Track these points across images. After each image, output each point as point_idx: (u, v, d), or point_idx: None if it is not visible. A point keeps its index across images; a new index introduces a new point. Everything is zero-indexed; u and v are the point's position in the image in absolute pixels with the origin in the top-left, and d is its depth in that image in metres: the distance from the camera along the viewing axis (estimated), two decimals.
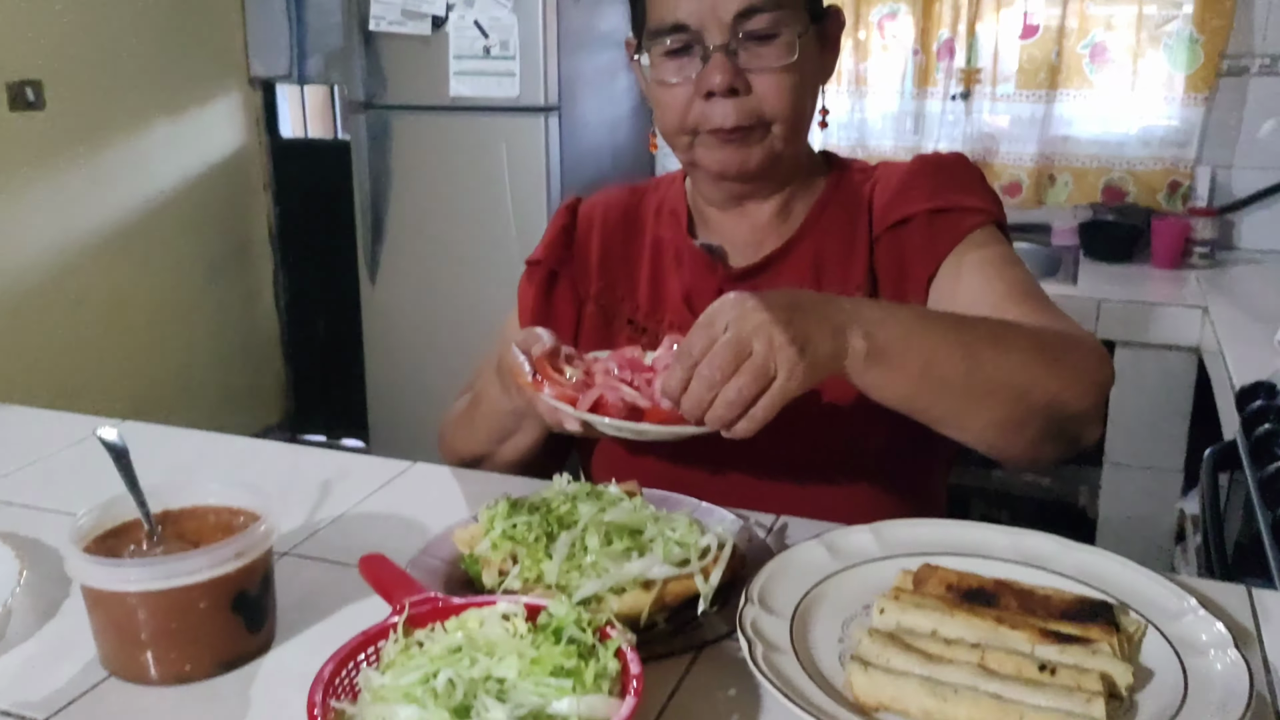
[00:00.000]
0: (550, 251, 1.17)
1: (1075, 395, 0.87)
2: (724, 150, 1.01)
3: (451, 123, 2.72)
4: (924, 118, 2.87)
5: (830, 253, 1.07)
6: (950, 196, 1.03)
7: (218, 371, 3.50)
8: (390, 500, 0.99)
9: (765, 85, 0.98)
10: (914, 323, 0.83)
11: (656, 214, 1.17)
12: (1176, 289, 2.35)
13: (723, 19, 0.96)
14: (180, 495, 0.81)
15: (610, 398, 0.86)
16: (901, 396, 0.84)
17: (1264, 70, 2.61)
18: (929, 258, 1.02)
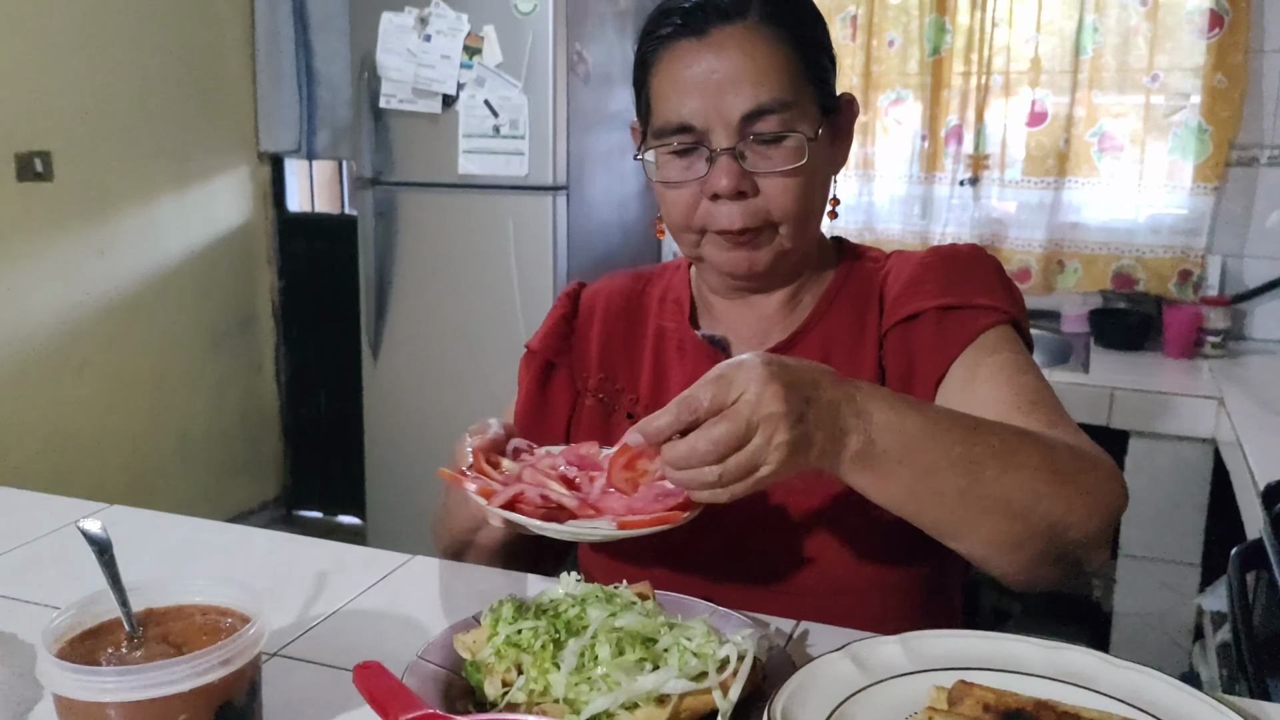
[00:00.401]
0: (548, 341, 1.14)
1: (1080, 519, 0.82)
2: (732, 252, 0.99)
3: (459, 200, 2.71)
4: (931, 202, 2.87)
5: (838, 345, 1.03)
6: (962, 293, 0.99)
7: (216, 443, 3.45)
8: (388, 596, 0.94)
9: (773, 188, 0.95)
10: (920, 432, 0.78)
11: (660, 302, 1.13)
12: (1190, 378, 2.32)
13: (729, 121, 0.93)
14: (165, 593, 0.76)
15: (529, 494, 0.82)
16: (888, 501, 0.80)
17: (1273, 161, 2.61)
18: (938, 358, 0.97)
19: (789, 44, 0.95)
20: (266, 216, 3.60)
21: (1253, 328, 2.69)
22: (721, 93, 0.93)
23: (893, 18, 2.85)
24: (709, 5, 0.94)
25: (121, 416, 3.09)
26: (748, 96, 0.93)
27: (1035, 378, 0.95)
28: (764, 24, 0.94)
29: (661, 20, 0.97)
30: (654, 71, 0.98)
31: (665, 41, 0.96)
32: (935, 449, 0.78)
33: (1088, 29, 2.65)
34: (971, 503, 0.79)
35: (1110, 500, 0.84)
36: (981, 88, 2.77)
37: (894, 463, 0.77)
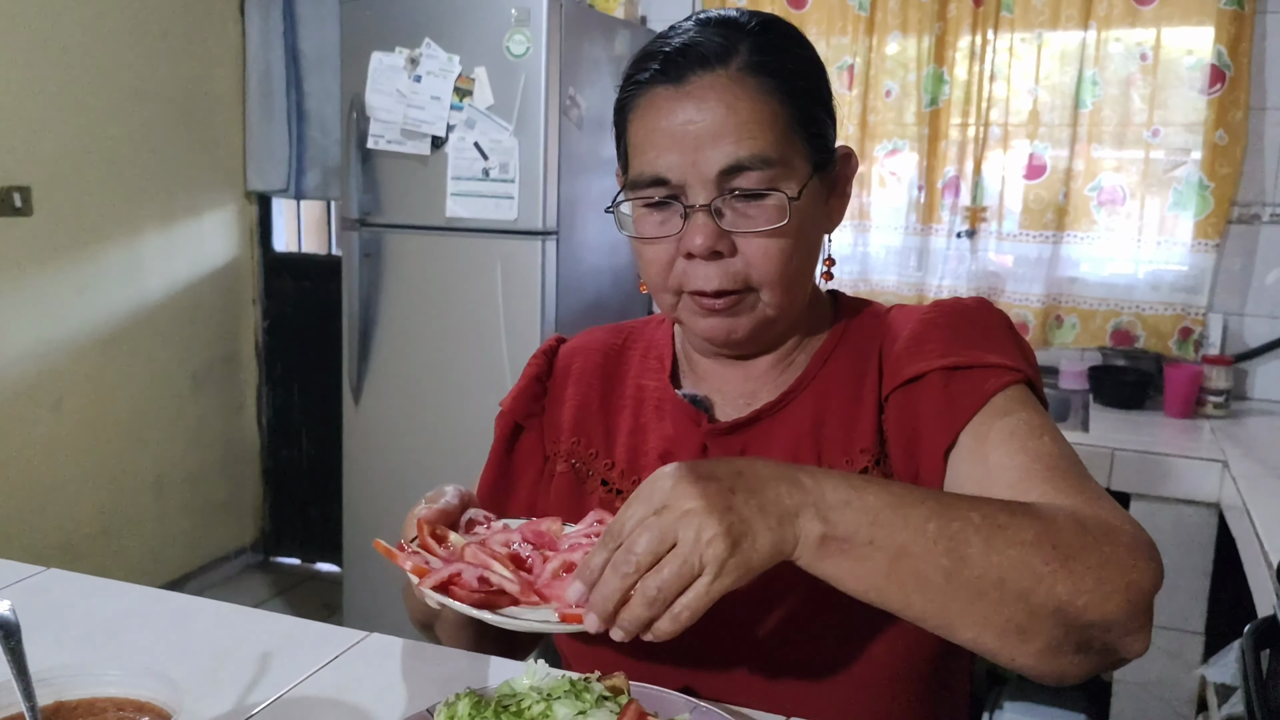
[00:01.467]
0: (517, 403, 1.06)
1: (1096, 599, 0.71)
2: (709, 320, 0.91)
3: (446, 243, 2.65)
4: (928, 254, 2.82)
5: (834, 410, 0.95)
6: (970, 352, 0.90)
7: (194, 485, 3.37)
8: (338, 680, 0.86)
9: (752, 249, 0.88)
10: (885, 507, 0.70)
11: (642, 359, 1.05)
12: (1192, 439, 2.25)
13: (706, 175, 0.86)
14: (76, 684, 0.68)
15: (467, 576, 0.75)
16: (867, 591, 0.71)
17: (1275, 219, 2.57)
18: (945, 426, 0.88)
19: (777, 96, 0.87)
20: (253, 256, 3.54)
21: (1254, 388, 2.63)
22: (699, 146, 0.86)
23: (890, 69, 2.82)
24: (690, 51, 0.87)
25: (97, 455, 3.01)
26: (727, 151, 0.85)
27: (1053, 440, 0.85)
28: (750, 74, 0.87)
29: (641, 65, 0.90)
30: (631, 119, 0.91)
31: (643, 88, 0.89)
32: (906, 526, 0.70)
33: (1087, 82, 2.62)
34: (960, 586, 0.70)
35: (1134, 577, 0.72)
36: (979, 139, 2.73)
37: (863, 544, 0.69)
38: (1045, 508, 0.75)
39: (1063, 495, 0.79)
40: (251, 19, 3.34)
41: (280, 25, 3.30)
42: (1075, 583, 0.71)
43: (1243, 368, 2.62)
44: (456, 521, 0.85)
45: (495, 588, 0.75)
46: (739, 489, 0.68)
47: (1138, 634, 0.73)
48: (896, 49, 2.79)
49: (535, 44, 2.48)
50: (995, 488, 0.82)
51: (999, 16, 2.67)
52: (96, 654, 0.88)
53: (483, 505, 1.07)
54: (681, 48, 0.88)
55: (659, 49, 0.89)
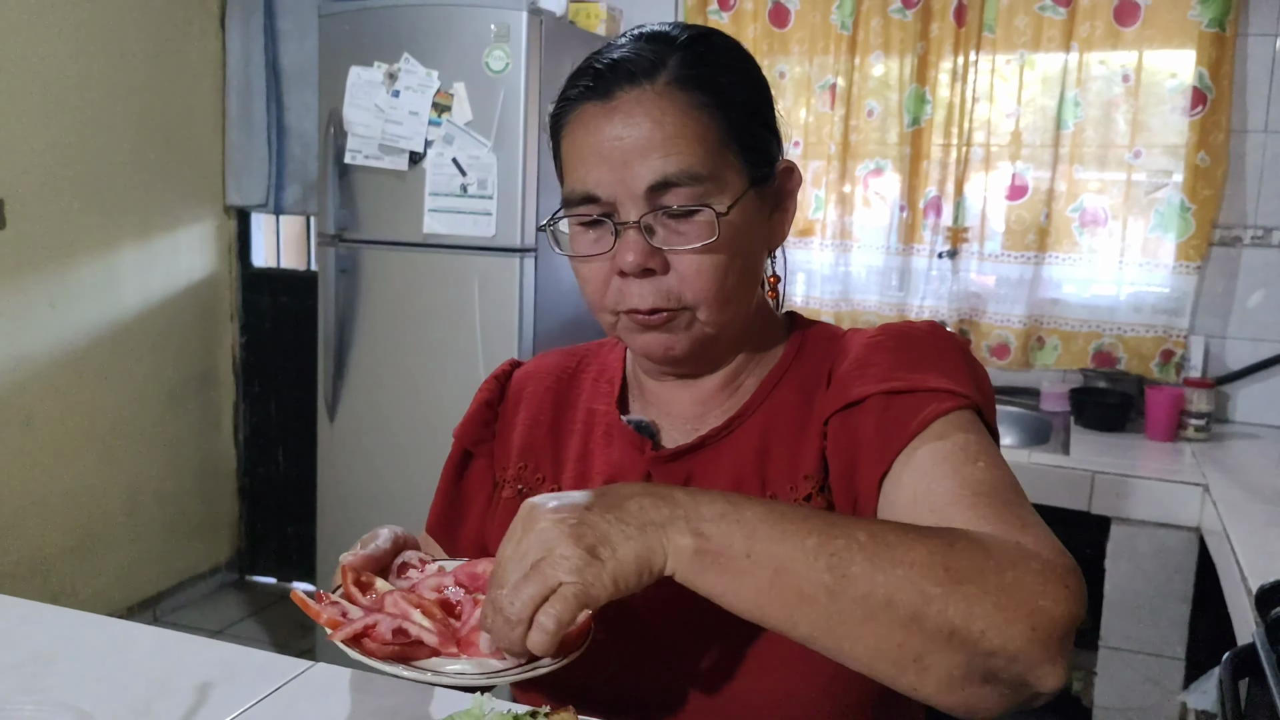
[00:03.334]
0: (467, 429, 1.05)
1: (993, 625, 0.66)
2: (645, 335, 0.89)
3: (423, 260, 2.63)
4: (909, 274, 2.81)
5: (778, 436, 0.92)
6: (911, 376, 0.87)
7: (169, 502, 3.32)
8: (278, 713, 0.83)
9: (685, 266, 0.86)
10: (762, 522, 0.68)
11: (594, 382, 1.03)
12: (1173, 463, 2.24)
13: (635, 192, 0.84)
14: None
15: (382, 628, 0.73)
16: (749, 608, 0.69)
17: (1256, 241, 2.56)
18: (881, 451, 0.84)
19: (707, 110, 0.85)
20: (231, 271, 3.51)
21: (1236, 411, 2.62)
22: (627, 163, 0.84)
23: (873, 89, 2.81)
24: (619, 66, 0.85)
25: (68, 472, 2.96)
26: (654, 167, 0.83)
27: (988, 466, 0.81)
28: (678, 88, 0.85)
29: (573, 82, 0.89)
30: (564, 136, 0.89)
31: (573, 104, 0.88)
32: (784, 540, 0.68)
33: (1069, 104, 2.61)
34: (845, 605, 0.67)
35: (1042, 604, 0.68)
36: (961, 160, 2.72)
37: (740, 557, 0.67)
38: (948, 530, 0.72)
39: (985, 522, 0.75)
40: (232, 34, 3.32)
41: (260, 40, 3.28)
42: (969, 606, 0.67)
43: (1224, 390, 2.61)
44: (387, 566, 0.83)
45: (413, 639, 0.73)
46: (595, 506, 0.69)
47: (1048, 666, 0.67)
48: (879, 69, 2.79)
49: (515, 60, 2.46)
50: (920, 513, 0.79)
51: (981, 37, 2.67)
52: (29, 683, 0.85)
53: (433, 533, 1.04)
54: (612, 63, 0.86)
55: (591, 65, 0.88)
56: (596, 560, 0.66)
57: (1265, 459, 2.32)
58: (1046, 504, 2.18)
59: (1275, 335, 2.57)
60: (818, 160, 2.88)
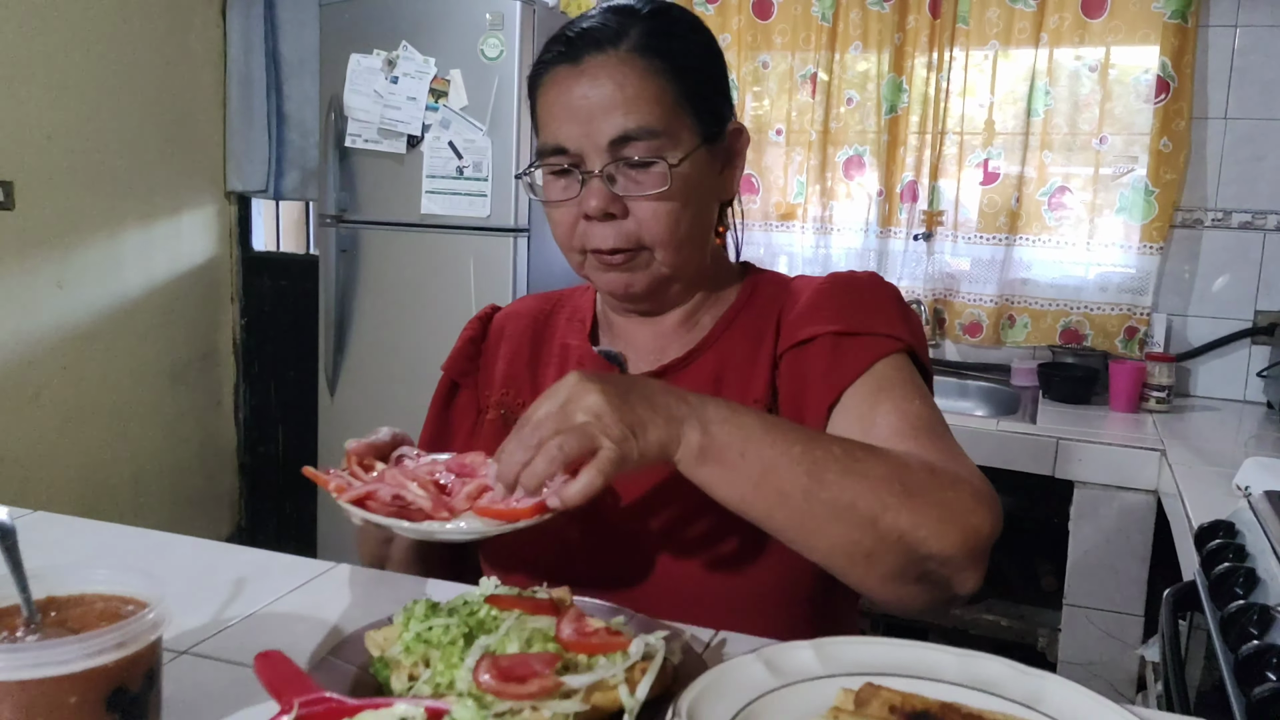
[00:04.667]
0: (454, 363, 1.19)
1: (934, 534, 0.81)
2: (608, 273, 1.02)
3: (421, 240, 2.73)
4: (887, 256, 2.93)
5: (733, 366, 1.05)
6: (857, 320, 1.00)
7: (171, 479, 3.41)
8: (308, 600, 0.93)
9: (642, 211, 0.98)
10: (758, 428, 0.81)
11: (568, 321, 1.16)
12: (1134, 431, 2.36)
13: (599, 145, 0.96)
14: (67, 581, 0.75)
15: (382, 493, 0.85)
16: (737, 500, 0.81)
17: (1216, 224, 2.69)
18: (830, 384, 0.98)
19: (664, 74, 0.97)
20: (231, 255, 3.60)
21: (1196, 385, 2.74)
22: (593, 118, 0.96)
23: (851, 78, 2.93)
24: (587, 35, 0.98)
25: (75, 448, 3.05)
26: (616, 123, 0.95)
27: (924, 404, 0.96)
28: (639, 54, 0.97)
29: (547, 48, 1.01)
30: (538, 96, 1.01)
31: (547, 67, 1.00)
32: (775, 445, 0.80)
33: (1039, 92, 2.73)
34: (816, 505, 0.80)
35: (972, 519, 0.83)
36: (936, 146, 2.84)
37: (736, 455, 0.79)
38: (902, 454, 0.86)
39: (925, 450, 0.90)
40: (233, 23, 3.42)
41: (261, 29, 3.38)
42: (917, 516, 0.81)
43: (1186, 366, 2.73)
44: (386, 455, 0.96)
45: (409, 503, 0.84)
46: (633, 393, 0.79)
47: (970, 571, 0.84)
48: (857, 59, 2.90)
49: (509, 47, 2.57)
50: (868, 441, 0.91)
51: (955, 29, 2.78)
52: None
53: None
54: (581, 32, 0.98)
55: (564, 33, 1.00)
56: (633, 438, 0.77)
57: (1221, 428, 2.44)
58: (1013, 469, 2.30)
59: (1234, 313, 2.69)
60: (799, 147, 2.99)
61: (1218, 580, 1.34)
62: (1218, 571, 1.35)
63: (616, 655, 0.74)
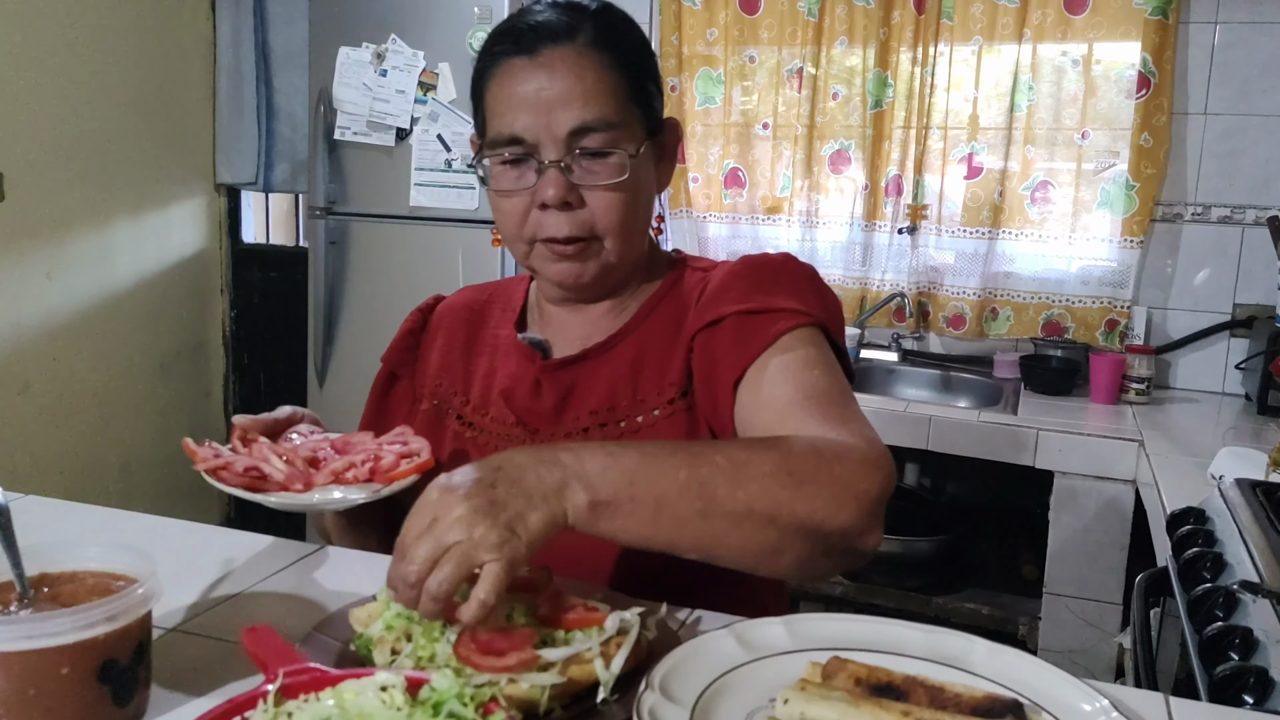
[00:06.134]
0: (392, 353, 1.21)
1: (830, 512, 0.82)
2: (560, 264, 1.03)
3: (409, 232, 2.75)
4: (872, 249, 2.96)
5: (652, 350, 1.07)
6: (764, 298, 1.01)
7: (160, 470, 3.42)
8: (294, 580, 0.95)
9: (597, 201, 1.00)
10: (640, 464, 0.79)
11: (501, 312, 1.19)
12: (1113, 422, 2.39)
13: (557, 135, 0.98)
14: (60, 558, 0.77)
15: (237, 465, 0.94)
16: (639, 541, 0.80)
17: (1196, 218, 2.72)
18: (735, 361, 0.99)
19: (616, 69, 1.00)
20: (221, 246, 3.61)
21: (1176, 377, 2.78)
22: (551, 109, 0.97)
23: (837, 73, 2.95)
24: (541, 27, 0.99)
25: (64, 439, 3.06)
26: (575, 114, 0.97)
27: (823, 374, 0.97)
28: (592, 49, 0.99)
29: (497, 39, 1.02)
30: (488, 87, 1.01)
31: (499, 59, 1.01)
32: (661, 479, 0.79)
33: (1023, 87, 2.76)
34: (715, 521, 0.80)
35: (863, 487, 0.83)
36: (920, 140, 2.87)
37: (627, 502, 0.78)
38: (785, 440, 0.87)
39: (814, 420, 0.91)
40: (222, 16, 3.42)
41: (250, 22, 3.39)
42: (810, 502, 0.81)
43: (1165, 358, 2.77)
44: (276, 431, 1.03)
45: (264, 475, 0.93)
46: (500, 483, 0.74)
47: (871, 533, 0.85)
48: (844, 54, 2.93)
49: None
50: (764, 414, 0.95)
51: (940, 25, 2.81)
52: None
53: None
54: (534, 25, 1.00)
55: (514, 25, 1.02)
56: (514, 536, 0.72)
57: (1199, 419, 2.48)
58: (994, 459, 2.33)
59: (1213, 306, 2.73)
60: (786, 142, 3.02)
61: (1187, 565, 1.38)
62: (1187, 556, 1.39)
63: (593, 630, 0.76)
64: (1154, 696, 0.80)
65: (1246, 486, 1.56)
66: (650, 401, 1.05)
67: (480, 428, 1.10)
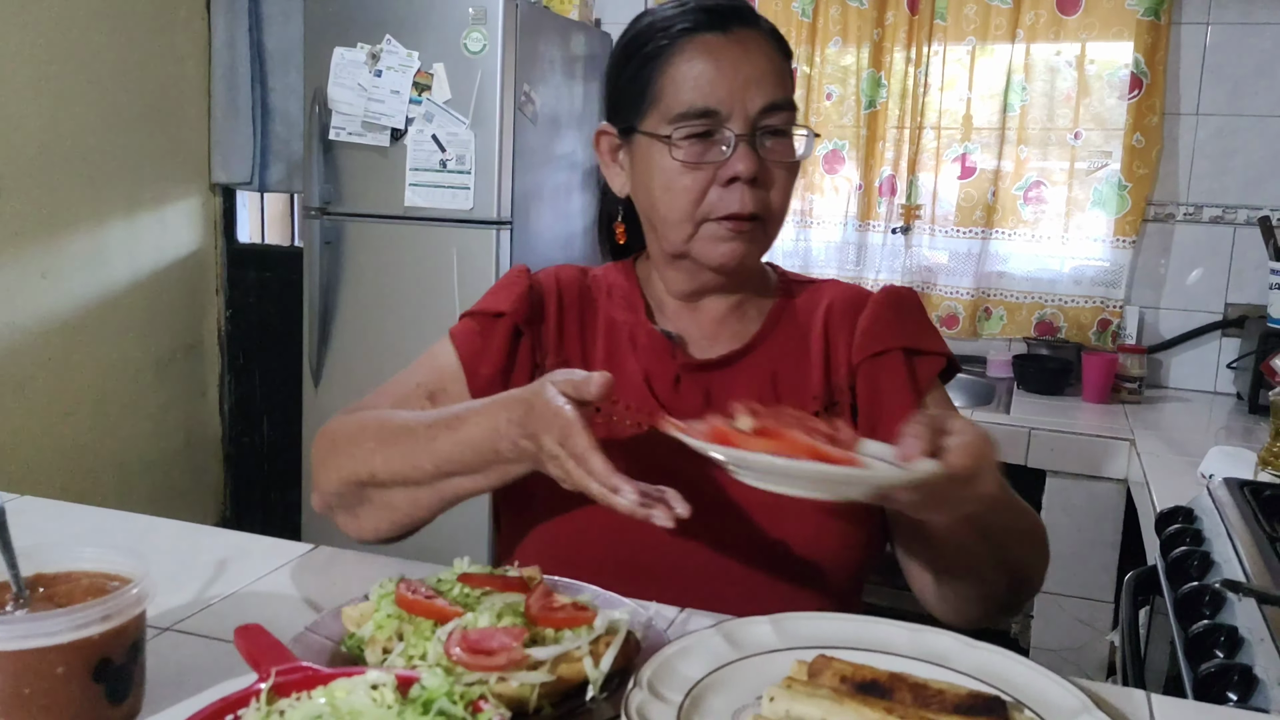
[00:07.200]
0: (518, 307, 1.09)
1: (1040, 574, 1.03)
2: (730, 243, 1.03)
3: (404, 232, 2.75)
4: (866, 249, 2.97)
5: (785, 364, 1.09)
6: (920, 338, 1.08)
7: (156, 469, 3.42)
8: (288, 580, 0.96)
9: (774, 180, 1.03)
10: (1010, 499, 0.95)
11: (608, 297, 1.15)
12: (1105, 421, 2.40)
13: (749, 111, 1.00)
14: (55, 558, 0.78)
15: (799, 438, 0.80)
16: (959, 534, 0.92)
17: (1188, 218, 2.74)
18: (911, 398, 1.05)
19: (785, 61, 1.05)
20: (216, 246, 3.61)
21: (1168, 376, 2.79)
22: (746, 84, 1.00)
23: (831, 73, 2.96)
24: (727, 9, 1.02)
25: (60, 439, 3.06)
26: (768, 91, 1.00)
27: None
28: (770, 36, 1.04)
29: (679, 17, 1.03)
30: (671, 60, 1.02)
31: (687, 33, 1.01)
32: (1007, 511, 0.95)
33: (1015, 88, 2.77)
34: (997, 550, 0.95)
35: (1045, 564, 1.04)
36: (914, 141, 2.88)
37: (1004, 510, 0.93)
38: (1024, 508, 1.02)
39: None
40: (217, 16, 3.42)
41: (245, 22, 3.39)
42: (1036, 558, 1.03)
43: (1158, 358, 2.78)
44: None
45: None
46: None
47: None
48: (837, 54, 2.94)
49: (491, 42, 2.59)
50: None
51: (933, 25, 2.82)
52: None
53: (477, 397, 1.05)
54: (719, 7, 1.03)
55: (696, 6, 1.03)
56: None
57: (1190, 418, 2.49)
58: None
59: (1205, 306, 2.75)
60: None
61: (1174, 563, 1.39)
62: (1175, 555, 1.40)
63: (582, 629, 0.77)
64: (1136, 694, 0.81)
65: (1235, 485, 1.57)
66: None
67: (610, 412, 1.05)
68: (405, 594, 0.80)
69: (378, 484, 0.98)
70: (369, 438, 0.99)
